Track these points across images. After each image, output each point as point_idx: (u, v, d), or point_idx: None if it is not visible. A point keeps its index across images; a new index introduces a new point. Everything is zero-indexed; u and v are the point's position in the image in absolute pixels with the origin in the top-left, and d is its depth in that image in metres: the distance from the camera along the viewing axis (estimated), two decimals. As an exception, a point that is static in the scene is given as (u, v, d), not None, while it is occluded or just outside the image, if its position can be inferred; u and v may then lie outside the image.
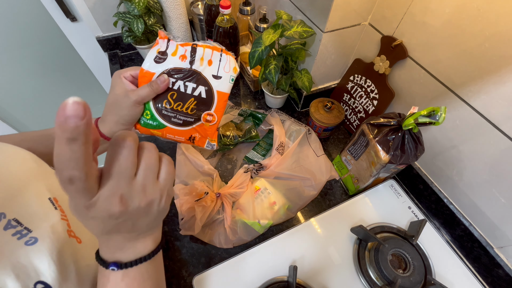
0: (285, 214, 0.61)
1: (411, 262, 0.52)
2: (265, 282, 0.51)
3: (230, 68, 0.40)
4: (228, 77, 0.40)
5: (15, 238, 0.25)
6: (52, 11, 0.83)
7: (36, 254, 0.25)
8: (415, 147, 0.51)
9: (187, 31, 0.90)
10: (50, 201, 0.29)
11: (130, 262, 0.25)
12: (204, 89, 0.39)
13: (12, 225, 0.25)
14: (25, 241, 0.25)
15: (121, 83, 0.37)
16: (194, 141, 0.42)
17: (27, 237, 0.25)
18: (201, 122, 0.41)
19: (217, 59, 0.39)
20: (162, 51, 0.38)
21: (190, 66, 0.38)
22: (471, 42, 0.46)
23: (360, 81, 0.71)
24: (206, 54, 0.39)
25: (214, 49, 0.39)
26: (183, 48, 0.38)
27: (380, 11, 0.60)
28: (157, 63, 0.38)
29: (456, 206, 0.59)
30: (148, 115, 0.39)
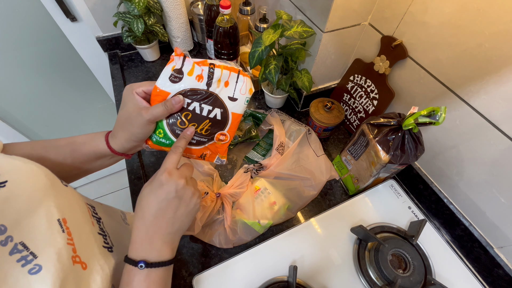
0: (285, 214, 0.61)
1: (411, 262, 0.52)
2: (265, 282, 0.51)
3: (246, 90, 0.40)
4: (243, 99, 0.40)
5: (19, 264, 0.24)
6: (52, 11, 0.83)
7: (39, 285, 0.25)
8: (415, 147, 0.51)
9: (187, 31, 0.90)
10: (58, 222, 0.28)
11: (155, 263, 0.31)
12: (220, 111, 0.39)
13: (18, 250, 0.24)
14: (29, 269, 0.25)
15: (134, 99, 0.37)
16: (205, 158, 0.43)
17: (32, 265, 0.25)
18: (214, 141, 0.41)
19: (233, 80, 0.39)
20: (177, 68, 0.36)
21: (207, 88, 0.37)
22: (471, 42, 0.46)
23: (360, 81, 0.71)
24: (223, 76, 0.38)
25: (232, 70, 0.38)
26: (200, 68, 0.37)
27: (380, 11, 0.60)
28: (173, 82, 0.37)
29: (456, 206, 0.59)
30: (161, 134, 0.39)
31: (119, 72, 0.89)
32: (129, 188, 0.64)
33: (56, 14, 0.83)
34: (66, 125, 1.29)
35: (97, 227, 0.36)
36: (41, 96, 1.13)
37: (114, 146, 0.39)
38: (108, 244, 0.35)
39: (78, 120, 1.30)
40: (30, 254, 0.25)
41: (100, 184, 1.68)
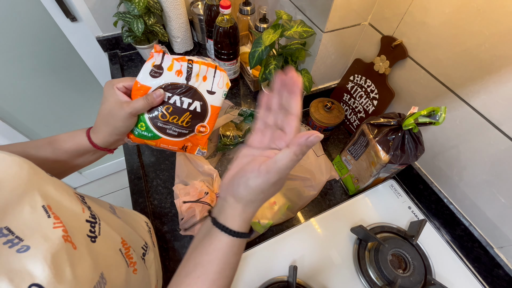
0: (285, 214, 0.61)
1: (411, 262, 0.52)
2: (265, 282, 0.51)
3: (223, 84, 0.42)
4: (221, 93, 0.42)
5: (6, 246, 0.25)
6: (52, 11, 0.83)
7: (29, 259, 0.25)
8: (415, 147, 0.51)
9: (187, 31, 0.90)
10: (43, 208, 0.29)
11: (246, 233, 0.32)
12: (199, 104, 0.41)
13: (3, 234, 0.25)
14: (17, 249, 0.25)
15: (115, 94, 0.38)
16: (186, 149, 0.45)
17: (19, 246, 0.25)
18: (194, 133, 0.44)
19: (211, 75, 0.41)
20: (157, 64, 0.39)
21: (187, 82, 0.40)
22: (471, 42, 0.46)
23: (360, 81, 0.71)
24: (201, 70, 0.40)
25: (209, 65, 0.41)
26: (179, 63, 0.39)
27: (380, 11, 0.60)
28: (153, 77, 0.39)
29: (456, 206, 0.59)
30: (143, 127, 0.41)
31: (119, 72, 0.89)
32: (129, 188, 0.64)
33: (56, 14, 0.83)
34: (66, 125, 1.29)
35: (88, 213, 0.35)
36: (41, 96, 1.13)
37: (97, 141, 0.40)
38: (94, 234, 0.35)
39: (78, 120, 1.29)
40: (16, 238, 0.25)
41: (100, 184, 1.68)
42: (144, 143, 0.43)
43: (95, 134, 0.40)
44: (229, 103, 0.80)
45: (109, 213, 0.43)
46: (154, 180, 0.67)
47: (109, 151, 0.43)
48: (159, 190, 0.65)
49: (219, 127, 0.73)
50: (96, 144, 0.40)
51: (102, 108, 0.39)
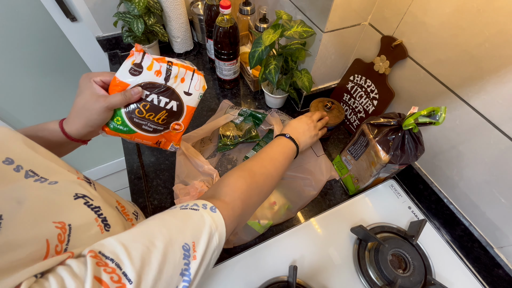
0: (285, 214, 0.61)
1: (411, 262, 0.52)
2: (265, 282, 0.51)
3: (200, 87, 0.45)
4: (197, 94, 0.45)
5: (37, 183, 0.27)
6: (52, 11, 0.83)
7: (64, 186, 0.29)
8: (415, 147, 0.51)
9: (187, 31, 0.90)
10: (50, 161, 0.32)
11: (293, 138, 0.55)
12: (176, 104, 0.43)
13: (30, 175, 0.27)
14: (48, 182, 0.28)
15: (92, 87, 0.39)
16: (160, 145, 0.48)
17: (47, 182, 0.28)
18: (169, 130, 0.46)
19: (189, 77, 0.43)
20: (137, 63, 0.40)
21: (165, 83, 0.41)
22: (471, 42, 0.46)
23: (360, 81, 0.71)
24: (180, 73, 0.42)
25: (188, 68, 0.43)
26: (159, 64, 0.41)
27: (380, 11, 0.60)
28: (132, 74, 0.40)
29: (456, 206, 0.59)
30: (119, 121, 0.42)
31: (119, 72, 0.89)
32: (129, 188, 0.64)
33: (56, 14, 0.83)
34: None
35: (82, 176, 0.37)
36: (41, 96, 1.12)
37: (70, 132, 0.40)
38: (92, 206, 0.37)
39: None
40: (42, 178, 0.28)
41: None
42: (118, 136, 0.44)
43: (69, 125, 0.40)
44: (229, 103, 0.80)
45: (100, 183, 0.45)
46: (154, 180, 0.67)
47: (83, 142, 0.44)
48: (159, 190, 0.65)
49: (219, 127, 0.73)
50: (70, 136, 0.40)
51: (77, 100, 0.39)
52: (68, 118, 0.40)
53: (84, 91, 0.39)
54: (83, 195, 0.30)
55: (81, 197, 0.29)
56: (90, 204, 0.30)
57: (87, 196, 0.30)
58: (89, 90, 0.38)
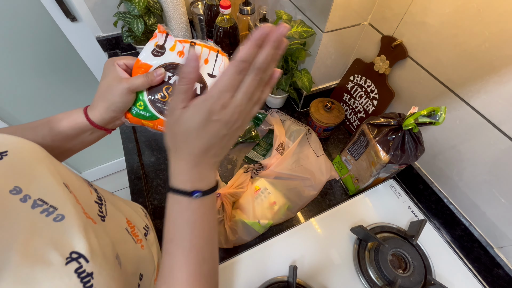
0: (285, 214, 0.61)
1: (411, 262, 0.52)
2: (265, 282, 0.51)
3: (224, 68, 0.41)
4: None
5: (43, 215, 0.26)
6: (52, 11, 0.83)
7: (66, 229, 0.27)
8: (415, 147, 0.51)
9: (187, 31, 0.90)
10: (64, 185, 0.30)
11: (207, 190, 0.31)
12: (200, 86, 0.39)
13: (38, 204, 0.26)
14: (53, 218, 0.26)
15: (115, 70, 0.38)
16: None
17: (54, 214, 0.27)
18: None
19: (213, 58, 0.40)
20: (160, 44, 0.38)
21: None
22: (471, 42, 0.46)
23: (360, 81, 0.71)
24: (203, 53, 0.39)
25: (211, 49, 0.40)
26: (181, 44, 0.39)
27: (380, 11, 0.60)
28: (154, 56, 0.38)
29: (456, 206, 0.59)
30: (141, 106, 0.40)
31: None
32: (129, 188, 0.64)
33: (56, 14, 0.83)
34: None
35: (95, 195, 0.37)
36: (41, 96, 1.13)
37: (93, 117, 0.39)
38: (102, 213, 0.36)
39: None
40: (50, 207, 0.27)
41: (100, 184, 1.67)
42: (142, 124, 0.42)
43: (92, 111, 0.39)
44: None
45: (112, 196, 0.44)
46: (154, 180, 0.67)
47: (107, 131, 0.42)
48: (159, 190, 0.65)
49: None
50: (93, 121, 0.39)
51: (101, 83, 0.38)
52: (92, 104, 0.40)
53: (108, 74, 0.38)
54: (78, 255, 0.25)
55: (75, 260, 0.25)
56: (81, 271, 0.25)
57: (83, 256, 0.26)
58: (112, 73, 0.38)
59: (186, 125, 0.28)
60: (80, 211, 0.29)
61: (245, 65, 0.26)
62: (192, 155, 0.29)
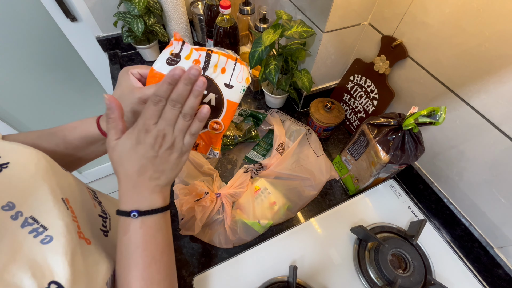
0: (285, 214, 0.61)
1: (411, 262, 0.52)
2: (265, 282, 0.51)
3: (243, 78, 0.39)
4: (239, 87, 0.39)
5: (31, 236, 0.26)
6: (52, 11, 0.83)
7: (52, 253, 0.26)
8: (415, 147, 0.51)
9: (187, 31, 0.90)
10: (62, 201, 0.30)
11: (147, 211, 0.31)
12: (215, 97, 0.38)
13: (29, 223, 0.26)
14: (41, 239, 0.26)
15: (128, 79, 0.37)
16: (198, 147, 0.41)
17: (43, 235, 0.26)
18: (207, 130, 0.40)
19: (230, 67, 0.38)
20: (175, 53, 0.37)
21: (203, 72, 0.37)
22: (471, 42, 0.46)
23: (360, 81, 0.71)
24: (220, 61, 0.37)
25: (229, 57, 0.38)
26: (198, 52, 0.37)
27: (380, 11, 0.60)
28: (169, 64, 0.37)
29: (456, 206, 0.59)
30: None
31: (119, 72, 0.89)
32: (129, 188, 0.64)
33: (56, 14, 0.83)
34: (66, 125, 1.29)
35: (99, 209, 0.36)
36: (41, 96, 1.13)
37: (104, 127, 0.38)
38: (106, 228, 0.35)
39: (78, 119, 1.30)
40: (40, 227, 0.26)
41: (100, 184, 1.68)
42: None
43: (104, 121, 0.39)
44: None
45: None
46: (154, 180, 0.67)
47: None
48: (159, 190, 0.65)
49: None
50: (105, 132, 0.38)
51: (115, 92, 0.38)
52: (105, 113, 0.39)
53: (121, 83, 0.37)
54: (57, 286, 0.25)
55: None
56: None
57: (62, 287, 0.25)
58: (125, 82, 0.37)
59: (119, 150, 0.31)
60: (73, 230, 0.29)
61: (159, 98, 0.30)
62: (128, 177, 0.31)
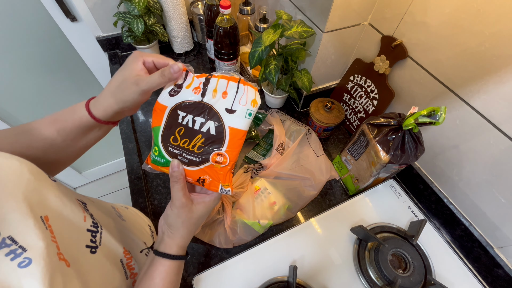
0: (285, 214, 0.61)
1: (411, 262, 0.52)
2: (265, 282, 0.51)
3: (247, 101, 0.34)
4: (244, 111, 0.34)
5: (8, 258, 0.24)
6: (52, 11, 0.83)
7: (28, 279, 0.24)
8: (415, 147, 0.51)
9: (187, 31, 0.90)
10: (41, 220, 0.28)
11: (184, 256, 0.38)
12: (214, 125, 0.34)
13: (6, 244, 0.24)
14: (19, 263, 0.24)
15: (137, 67, 0.35)
16: (204, 183, 0.36)
17: (21, 258, 0.24)
18: (210, 163, 0.35)
19: (233, 90, 0.34)
20: (179, 83, 0.35)
21: (201, 99, 0.34)
22: (471, 42, 0.46)
23: (360, 81, 0.71)
24: (220, 85, 0.34)
25: (231, 79, 0.35)
26: (198, 80, 0.35)
27: (380, 11, 0.60)
28: (171, 96, 0.35)
29: (456, 206, 0.59)
30: (156, 152, 0.36)
31: (119, 72, 0.89)
32: (129, 188, 0.64)
33: (56, 14, 0.83)
34: (66, 125, 1.29)
35: (89, 222, 0.35)
36: (41, 96, 1.13)
37: (97, 113, 0.37)
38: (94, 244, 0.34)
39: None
40: (19, 248, 0.24)
41: (100, 184, 1.68)
42: (161, 171, 0.38)
43: (96, 106, 0.37)
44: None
45: (112, 220, 0.42)
46: (154, 180, 0.67)
47: (114, 124, 0.40)
48: (159, 190, 0.65)
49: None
50: (98, 118, 0.37)
51: (116, 76, 0.35)
52: (99, 96, 0.37)
53: (127, 67, 0.35)
54: None
55: None
56: None
57: None
58: (133, 69, 0.35)
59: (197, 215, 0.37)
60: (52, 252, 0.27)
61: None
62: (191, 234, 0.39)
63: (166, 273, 0.36)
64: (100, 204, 0.43)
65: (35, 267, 0.24)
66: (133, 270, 0.41)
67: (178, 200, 0.36)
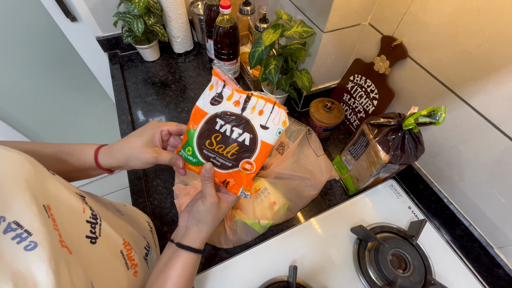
0: (285, 214, 0.61)
1: (411, 262, 0.52)
2: (265, 282, 0.51)
3: (279, 121, 0.40)
4: (275, 129, 0.40)
5: (14, 242, 0.24)
6: (52, 11, 0.83)
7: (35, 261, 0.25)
8: (415, 147, 0.51)
9: (187, 31, 0.90)
10: (44, 208, 0.29)
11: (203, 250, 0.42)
12: (249, 137, 0.40)
13: (12, 228, 0.25)
14: (25, 246, 0.25)
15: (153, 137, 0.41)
16: (228, 185, 0.42)
17: (27, 241, 0.25)
18: (238, 169, 0.41)
19: (268, 110, 0.40)
20: (218, 92, 0.40)
21: (241, 113, 0.39)
22: (471, 42, 0.46)
23: (360, 81, 0.71)
24: (258, 104, 0.39)
25: (268, 100, 0.40)
26: (239, 94, 0.40)
27: (380, 11, 0.60)
28: (212, 105, 0.40)
29: (456, 206, 0.59)
30: (190, 151, 0.41)
31: (119, 72, 0.89)
32: (129, 188, 0.64)
33: (56, 14, 0.83)
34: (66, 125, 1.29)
35: (89, 213, 0.35)
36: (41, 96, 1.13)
37: (102, 160, 0.41)
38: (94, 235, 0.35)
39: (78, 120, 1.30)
40: (24, 232, 0.25)
41: (100, 184, 1.68)
42: (189, 169, 0.43)
43: (104, 157, 0.41)
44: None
45: (111, 213, 0.43)
46: (154, 180, 0.67)
47: (109, 172, 0.45)
48: (159, 190, 0.65)
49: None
50: (101, 166, 0.42)
51: (133, 140, 0.41)
52: (109, 149, 0.42)
53: (144, 134, 0.41)
54: None
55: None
56: None
57: None
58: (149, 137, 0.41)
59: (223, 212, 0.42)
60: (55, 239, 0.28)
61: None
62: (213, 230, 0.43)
63: (188, 265, 0.39)
64: (98, 198, 0.44)
65: (41, 250, 0.25)
66: (133, 261, 0.41)
67: (212, 196, 0.40)
